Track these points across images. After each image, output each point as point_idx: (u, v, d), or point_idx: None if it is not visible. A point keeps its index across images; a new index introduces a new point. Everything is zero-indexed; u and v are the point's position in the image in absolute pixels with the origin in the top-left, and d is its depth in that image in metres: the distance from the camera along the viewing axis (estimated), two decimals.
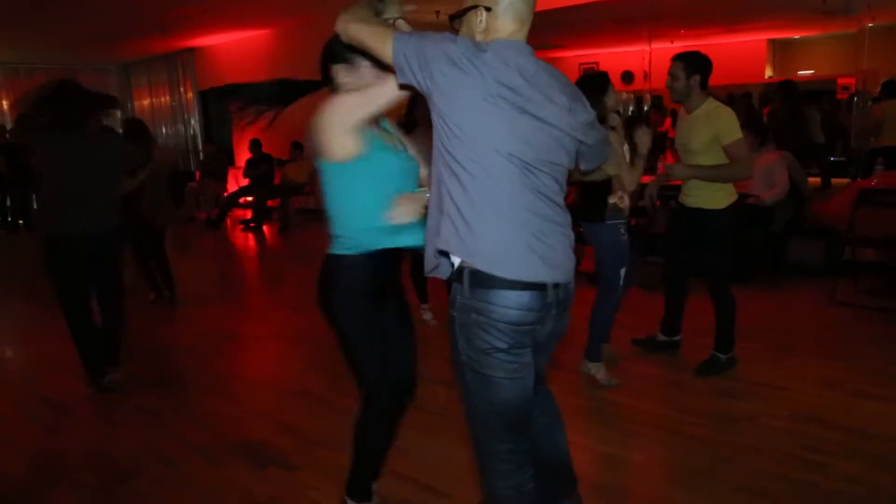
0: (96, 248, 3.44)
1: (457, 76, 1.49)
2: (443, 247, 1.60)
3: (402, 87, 1.65)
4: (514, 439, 1.69)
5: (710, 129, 3.22)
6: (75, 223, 3.36)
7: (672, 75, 3.30)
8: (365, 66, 1.87)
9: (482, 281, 1.55)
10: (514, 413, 1.66)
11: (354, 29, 1.63)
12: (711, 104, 3.27)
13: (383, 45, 1.56)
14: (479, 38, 1.60)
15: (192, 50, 12.11)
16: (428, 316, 4.41)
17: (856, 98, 6.56)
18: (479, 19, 1.59)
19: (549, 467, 1.90)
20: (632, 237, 3.36)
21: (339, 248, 1.95)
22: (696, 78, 3.25)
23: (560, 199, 1.65)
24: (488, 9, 1.58)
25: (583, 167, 1.82)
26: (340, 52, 1.89)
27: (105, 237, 3.47)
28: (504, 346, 1.58)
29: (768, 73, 9.57)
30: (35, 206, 8.78)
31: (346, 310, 1.97)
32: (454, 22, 1.67)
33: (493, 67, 1.50)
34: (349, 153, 1.84)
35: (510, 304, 1.55)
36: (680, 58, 3.31)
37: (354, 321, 1.98)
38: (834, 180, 6.78)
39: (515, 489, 1.70)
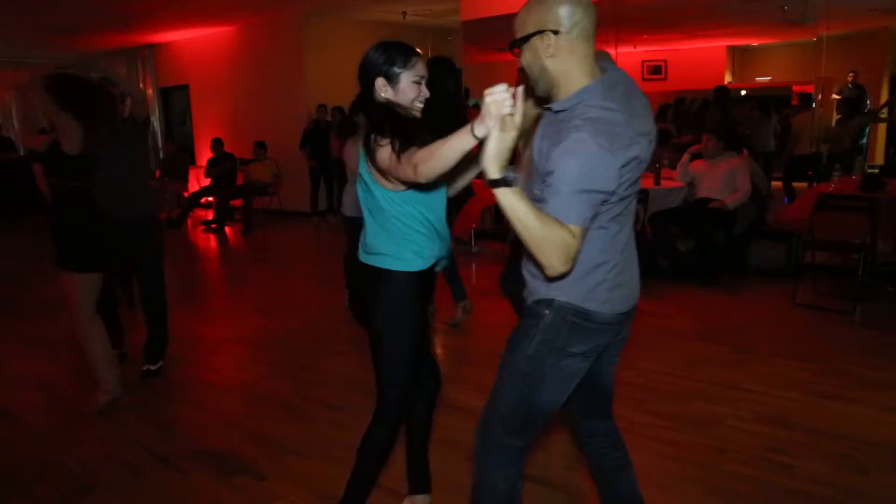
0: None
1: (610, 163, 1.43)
2: (541, 295, 1.62)
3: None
4: (524, 437, 1.74)
5: None
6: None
7: None
8: (404, 79, 1.85)
9: None
10: (540, 417, 1.71)
11: (522, 229, 1.43)
12: None
13: (557, 224, 1.42)
14: (547, 62, 1.52)
15: (152, 46, 11.82)
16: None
17: (814, 104, 6.76)
18: (546, 44, 1.50)
19: None
20: None
21: (386, 264, 1.95)
22: None
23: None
24: (556, 31, 1.49)
25: None
26: (381, 64, 1.85)
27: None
28: (580, 351, 1.63)
29: (727, 78, 9.78)
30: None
31: (396, 314, 1.99)
32: (515, 49, 1.57)
33: (612, 126, 1.44)
34: (400, 186, 1.87)
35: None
36: None
37: (402, 325, 1.99)
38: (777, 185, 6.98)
39: (507, 481, 1.73)
